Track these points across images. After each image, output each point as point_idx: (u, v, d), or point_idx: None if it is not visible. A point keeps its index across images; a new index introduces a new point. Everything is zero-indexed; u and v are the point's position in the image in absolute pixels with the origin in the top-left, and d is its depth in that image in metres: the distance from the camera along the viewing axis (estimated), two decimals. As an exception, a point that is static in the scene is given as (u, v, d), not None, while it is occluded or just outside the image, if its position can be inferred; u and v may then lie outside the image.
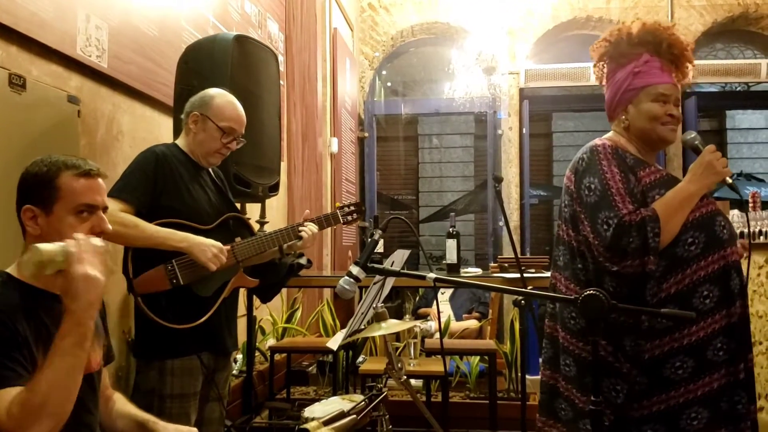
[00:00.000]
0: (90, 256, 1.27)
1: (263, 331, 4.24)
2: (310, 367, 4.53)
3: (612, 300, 1.35)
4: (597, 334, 1.37)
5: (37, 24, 2.10)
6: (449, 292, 5.45)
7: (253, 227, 2.34)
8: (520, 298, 3.20)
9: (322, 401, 1.90)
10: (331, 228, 5.37)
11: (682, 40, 1.90)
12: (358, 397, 1.83)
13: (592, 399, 1.38)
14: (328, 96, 5.53)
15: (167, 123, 2.85)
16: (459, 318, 5.22)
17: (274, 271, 2.40)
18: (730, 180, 1.77)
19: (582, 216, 1.81)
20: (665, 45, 1.88)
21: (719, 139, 8.92)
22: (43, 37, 2.13)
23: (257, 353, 4.04)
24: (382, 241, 2.32)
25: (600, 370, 1.73)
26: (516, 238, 6.39)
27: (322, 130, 5.12)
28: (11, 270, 1.41)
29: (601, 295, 1.33)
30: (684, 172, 6.23)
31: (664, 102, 1.85)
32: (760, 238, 3.17)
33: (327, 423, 1.54)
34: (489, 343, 4.03)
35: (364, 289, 1.89)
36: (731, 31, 6.92)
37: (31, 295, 1.38)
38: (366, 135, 7.01)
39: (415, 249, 6.16)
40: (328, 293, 4.92)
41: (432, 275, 1.54)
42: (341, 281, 1.58)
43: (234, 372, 3.80)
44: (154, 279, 1.97)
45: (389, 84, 8.25)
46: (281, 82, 3.82)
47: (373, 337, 4.03)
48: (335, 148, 5.58)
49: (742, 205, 1.85)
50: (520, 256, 3.76)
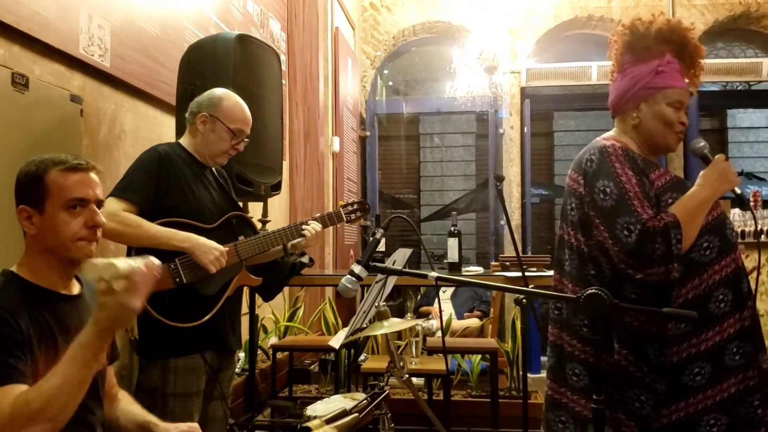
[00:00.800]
0: (144, 289, 1.27)
1: (265, 330, 4.25)
2: (313, 366, 4.53)
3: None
4: (599, 333, 1.36)
5: (40, 23, 2.11)
6: (451, 290, 5.45)
7: (256, 226, 2.34)
8: (522, 296, 3.20)
9: (325, 399, 1.90)
10: (333, 227, 5.38)
11: (702, 47, 1.85)
12: (360, 395, 1.83)
13: (594, 398, 1.37)
14: (330, 95, 5.53)
15: (170, 122, 2.86)
16: (460, 317, 5.22)
17: (277, 270, 2.41)
18: (738, 191, 1.76)
19: (597, 221, 1.73)
20: (690, 48, 1.83)
21: (720, 138, 8.91)
22: (46, 36, 2.14)
23: (259, 351, 4.04)
24: (383, 240, 2.32)
25: (622, 381, 1.70)
26: (517, 236, 6.39)
27: (323, 130, 5.12)
28: (15, 268, 1.41)
29: (603, 294, 1.32)
30: (685, 175, 6.19)
31: (678, 108, 1.80)
32: (762, 237, 3.18)
33: (329, 421, 1.54)
34: (490, 341, 4.03)
35: (365, 288, 1.90)
36: (732, 30, 6.91)
37: (34, 293, 1.38)
38: (368, 134, 7.01)
39: (416, 248, 6.16)
40: (330, 292, 4.92)
41: (433, 274, 1.54)
42: (343, 280, 1.58)
43: (236, 370, 3.80)
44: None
45: (391, 83, 8.26)
46: (283, 82, 3.82)
47: (375, 336, 4.03)
48: (337, 147, 5.59)
49: (743, 204, 1.82)
50: (521, 254, 3.76)
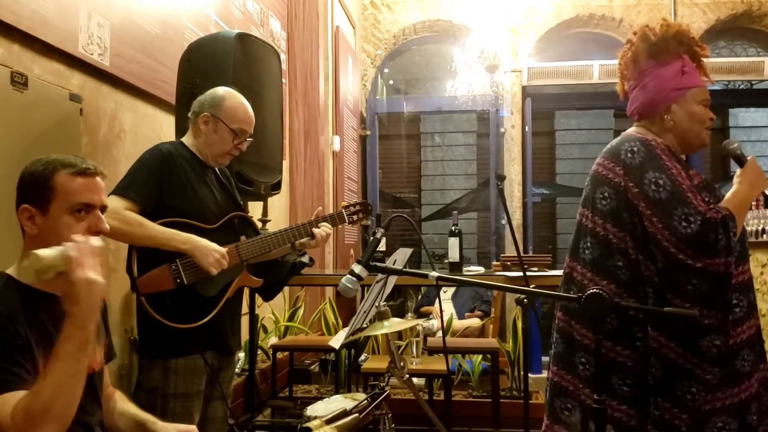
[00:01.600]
0: (90, 259, 1.25)
1: (265, 330, 4.24)
2: (313, 366, 4.52)
3: (696, 303, 1.51)
4: (601, 332, 1.36)
5: (39, 22, 2.10)
6: (451, 290, 5.45)
7: (258, 226, 2.33)
8: (523, 296, 3.19)
9: (325, 400, 1.90)
10: (334, 227, 5.36)
11: (707, 48, 1.97)
12: (361, 395, 1.82)
13: (596, 398, 1.36)
14: (330, 94, 5.52)
15: (169, 121, 2.85)
16: (461, 316, 5.21)
17: (277, 270, 2.40)
18: (767, 192, 1.82)
19: (648, 212, 1.74)
20: (699, 50, 1.93)
21: (722, 137, 8.89)
22: (45, 35, 2.13)
23: (259, 351, 4.04)
24: (384, 240, 2.31)
25: (670, 374, 1.74)
26: (519, 236, 6.38)
27: (324, 129, 5.11)
28: (11, 271, 1.40)
29: (605, 293, 1.32)
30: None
31: (706, 106, 1.88)
32: (763, 236, 3.17)
33: (329, 421, 1.54)
34: (491, 341, 4.03)
35: (366, 288, 1.89)
36: (734, 29, 6.90)
37: (31, 296, 1.37)
38: (368, 133, 7.01)
39: (417, 247, 6.15)
40: (330, 291, 4.92)
41: (434, 274, 1.54)
42: (344, 280, 1.57)
43: (236, 370, 3.80)
44: (158, 278, 1.96)
45: (391, 82, 8.24)
46: (283, 81, 3.82)
47: (376, 336, 4.03)
48: (337, 147, 5.58)
49: None
50: (522, 254, 3.75)
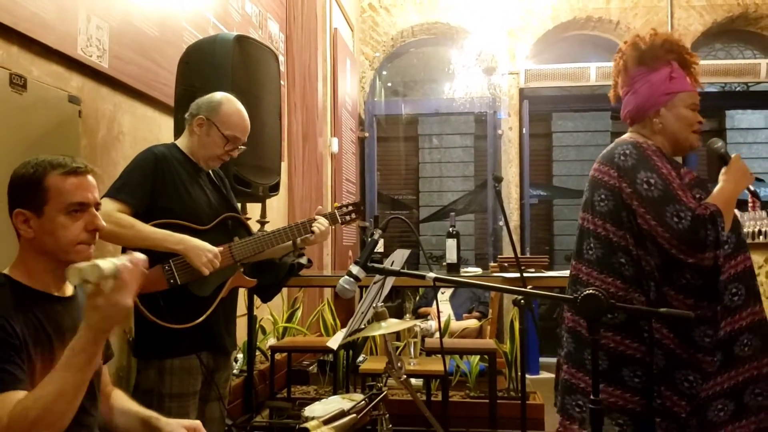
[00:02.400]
0: (133, 285, 1.26)
1: (264, 331, 4.24)
2: (311, 367, 4.53)
3: (691, 295, 1.59)
4: (597, 333, 1.38)
5: (38, 24, 2.10)
6: (449, 291, 5.45)
7: (251, 227, 2.34)
8: (520, 297, 3.20)
9: (323, 400, 1.90)
10: (331, 228, 5.37)
11: (696, 55, 2.04)
12: (359, 396, 1.83)
13: (592, 398, 1.38)
14: (329, 96, 5.53)
15: (168, 123, 2.85)
16: (459, 317, 5.22)
17: (275, 271, 2.41)
18: (753, 188, 1.93)
19: (642, 210, 1.84)
20: (689, 57, 2.00)
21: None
22: (44, 37, 2.14)
23: (258, 353, 4.04)
24: (382, 241, 2.32)
25: (669, 363, 1.82)
26: (516, 237, 6.39)
27: (322, 131, 5.12)
28: (8, 271, 1.40)
29: (600, 294, 1.34)
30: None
31: (694, 110, 1.96)
32: (760, 237, 3.18)
33: (327, 422, 1.54)
34: (489, 342, 4.03)
35: (364, 289, 1.90)
36: (731, 31, 6.92)
37: (28, 296, 1.37)
38: (366, 135, 7.01)
39: (415, 249, 6.16)
40: (328, 293, 4.92)
41: (432, 275, 1.54)
42: (341, 281, 1.58)
43: (234, 371, 3.80)
44: (152, 279, 1.95)
45: (389, 84, 8.26)
46: (282, 83, 3.82)
47: (374, 337, 4.03)
48: (336, 148, 5.59)
49: (741, 204, 1.91)
50: (519, 255, 3.76)
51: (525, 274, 2.78)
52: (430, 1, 6.74)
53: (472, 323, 5.03)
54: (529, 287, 2.72)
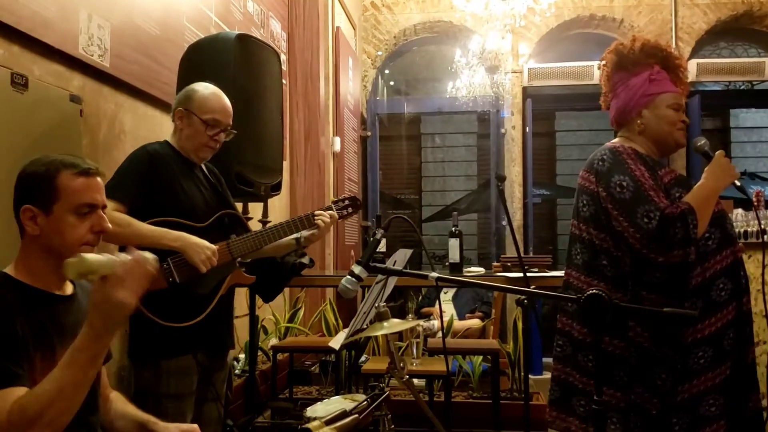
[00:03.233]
0: (133, 281, 1.24)
1: (266, 331, 4.24)
2: (313, 367, 4.52)
3: (662, 294, 1.60)
4: (601, 332, 1.38)
5: (40, 23, 2.10)
6: (452, 291, 5.44)
7: (248, 223, 2.30)
8: (523, 297, 3.19)
9: (325, 401, 1.89)
10: (333, 227, 5.37)
11: (683, 58, 2.11)
12: (361, 396, 1.82)
13: (595, 399, 1.38)
14: (331, 95, 5.52)
15: (169, 122, 2.82)
16: (462, 317, 5.21)
17: (277, 271, 2.40)
18: (738, 183, 1.92)
19: (615, 212, 1.88)
20: (673, 60, 2.05)
21: (723, 137, 8.89)
22: (46, 36, 2.13)
23: (260, 353, 4.03)
24: (384, 241, 2.31)
25: (642, 360, 1.85)
26: (519, 237, 6.38)
27: (324, 129, 5.12)
28: (9, 270, 1.40)
29: (603, 294, 1.34)
30: (687, 173, 6.25)
31: (677, 110, 1.99)
32: (766, 236, 3.17)
33: (329, 422, 1.53)
34: (492, 342, 4.02)
35: (366, 289, 1.89)
36: (735, 30, 6.90)
37: (29, 294, 1.37)
38: (369, 134, 7.01)
39: (417, 248, 6.14)
40: (330, 293, 4.92)
41: (434, 274, 1.54)
42: (343, 281, 1.57)
43: (236, 371, 3.80)
44: None
45: (392, 83, 8.25)
46: (284, 81, 3.82)
47: (376, 337, 4.02)
48: (338, 148, 5.58)
49: (746, 204, 1.93)
50: (523, 255, 3.75)
51: (528, 274, 2.78)
52: (432, 0, 6.73)
53: (474, 323, 5.01)
54: (532, 287, 2.71)
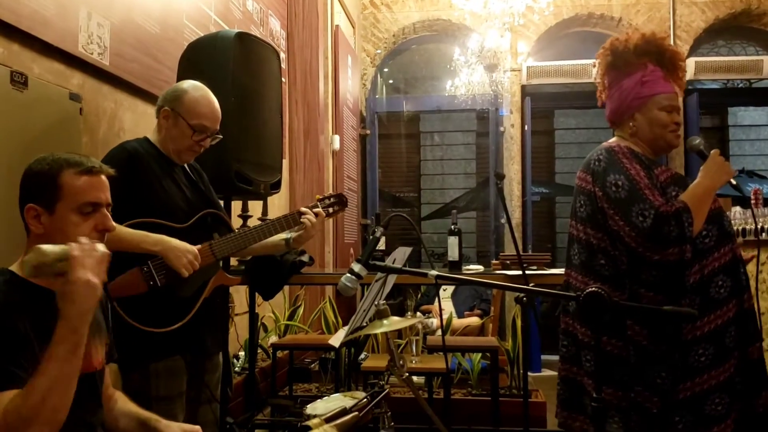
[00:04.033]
0: (92, 262, 1.25)
1: (265, 329, 4.25)
2: (313, 364, 4.53)
3: (659, 292, 1.58)
4: (600, 331, 1.38)
5: (39, 22, 2.10)
6: (451, 289, 5.45)
7: (231, 223, 2.24)
8: (522, 295, 3.20)
9: (325, 398, 1.90)
10: (333, 225, 5.37)
11: (679, 51, 2.07)
12: (360, 394, 1.83)
13: (594, 396, 1.39)
14: (330, 93, 5.52)
15: (169, 120, 2.84)
16: (461, 315, 5.22)
17: (276, 269, 2.40)
18: (734, 182, 1.92)
19: (611, 212, 1.89)
20: (668, 54, 2.02)
21: (721, 136, 8.89)
22: (45, 34, 2.13)
23: (259, 350, 4.04)
24: (383, 239, 2.31)
25: (641, 359, 1.85)
26: (518, 235, 6.38)
27: (323, 128, 5.12)
28: (14, 268, 1.40)
29: (603, 293, 1.34)
30: (685, 171, 6.26)
31: (670, 111, 1.98)
32: (762, 234, 3.18)
33: (329, 420, 1.54)
34: (491, 340, 4.03)
35: (365, 287, 1.90)
36: (733, 28, 6.90)
37: (33, 293, 1.36)
38: (368, 132, 7.01)
39: (416, 246, 6.15)
40: (330, 290, 4.92)
41: (434, 272, 1.55)
42: (343, 278, 1.58)
43: (236, 369, 3.81)
44: (131, 282, 1.87)
45: (391, 81, 8.24)
46: (283, 80, 3.82)
47: (375, 334, 4.03)
48: (337, 146, 5.58)
49: (744, 202, 1.93)
50: (521, 253, 3.76)
51: (527, 272, 2.78)
52: (431, -2, 6.74)
53: (474, 321, 5.03)
54: (531, 285, 2.72)
